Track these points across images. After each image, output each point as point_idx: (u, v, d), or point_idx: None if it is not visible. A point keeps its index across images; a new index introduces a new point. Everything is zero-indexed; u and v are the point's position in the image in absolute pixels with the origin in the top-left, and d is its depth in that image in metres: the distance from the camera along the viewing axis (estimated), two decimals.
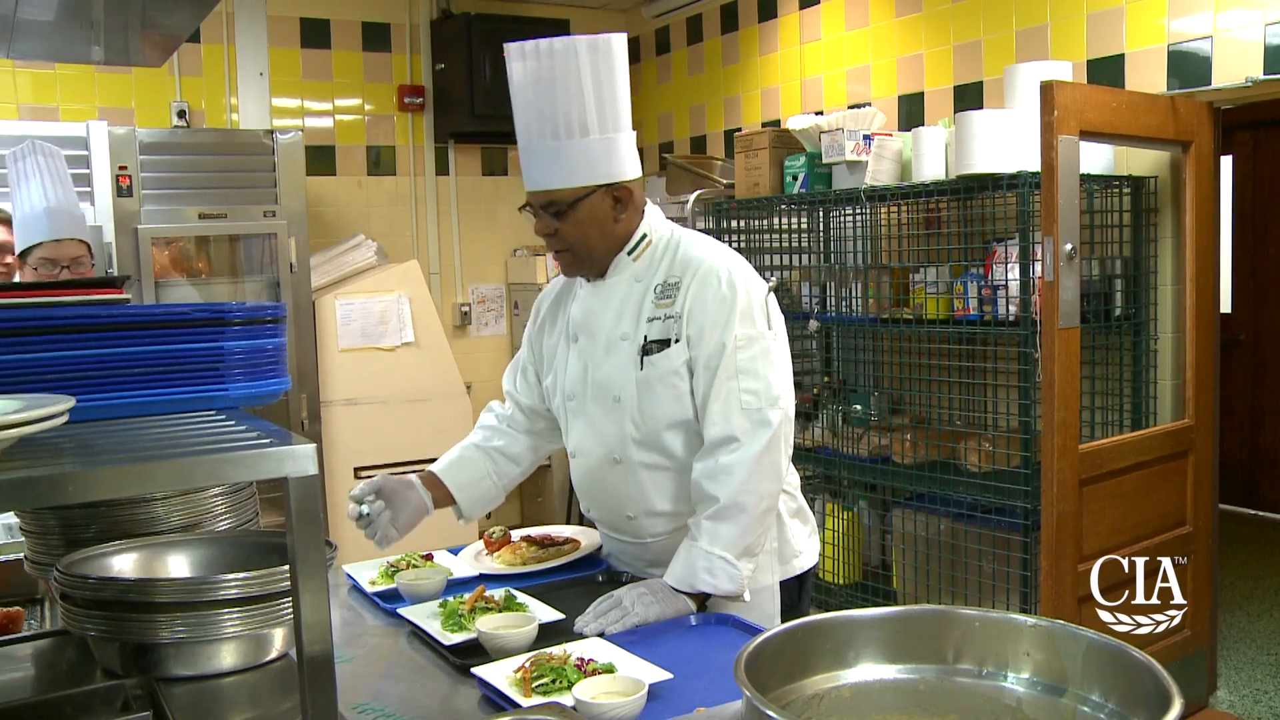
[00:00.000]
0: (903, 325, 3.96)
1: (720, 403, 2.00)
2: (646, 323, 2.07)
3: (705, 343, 2.01)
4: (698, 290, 2.03)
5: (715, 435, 2.01)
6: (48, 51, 3.02)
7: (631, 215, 2.09)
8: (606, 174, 2.02)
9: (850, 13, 4.86)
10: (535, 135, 2.03)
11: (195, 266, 4.78)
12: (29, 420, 1.03)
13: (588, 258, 2.10)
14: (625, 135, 2.03)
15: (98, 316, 1.30)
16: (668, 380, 2.04)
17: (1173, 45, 3.60)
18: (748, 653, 1.09)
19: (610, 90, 1.99)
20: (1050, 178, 3.11)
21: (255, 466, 1.03)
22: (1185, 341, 3.64)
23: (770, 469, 2.01)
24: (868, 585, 4.21)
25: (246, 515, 1.89)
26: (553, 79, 1.97)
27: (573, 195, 2.02)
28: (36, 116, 4.78)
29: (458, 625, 1.89)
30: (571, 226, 2.05)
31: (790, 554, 2.20)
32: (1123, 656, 1.09)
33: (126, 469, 1.03)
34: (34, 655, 1.74)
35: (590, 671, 1.62)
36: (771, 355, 2.03)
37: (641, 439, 2.10)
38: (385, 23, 5.71)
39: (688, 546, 2.01)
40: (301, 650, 1.04)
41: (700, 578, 1.98)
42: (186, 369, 1.31)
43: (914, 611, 1.25)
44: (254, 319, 1.36)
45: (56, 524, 1.79)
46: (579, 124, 1.98)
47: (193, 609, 1.47)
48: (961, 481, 3.72)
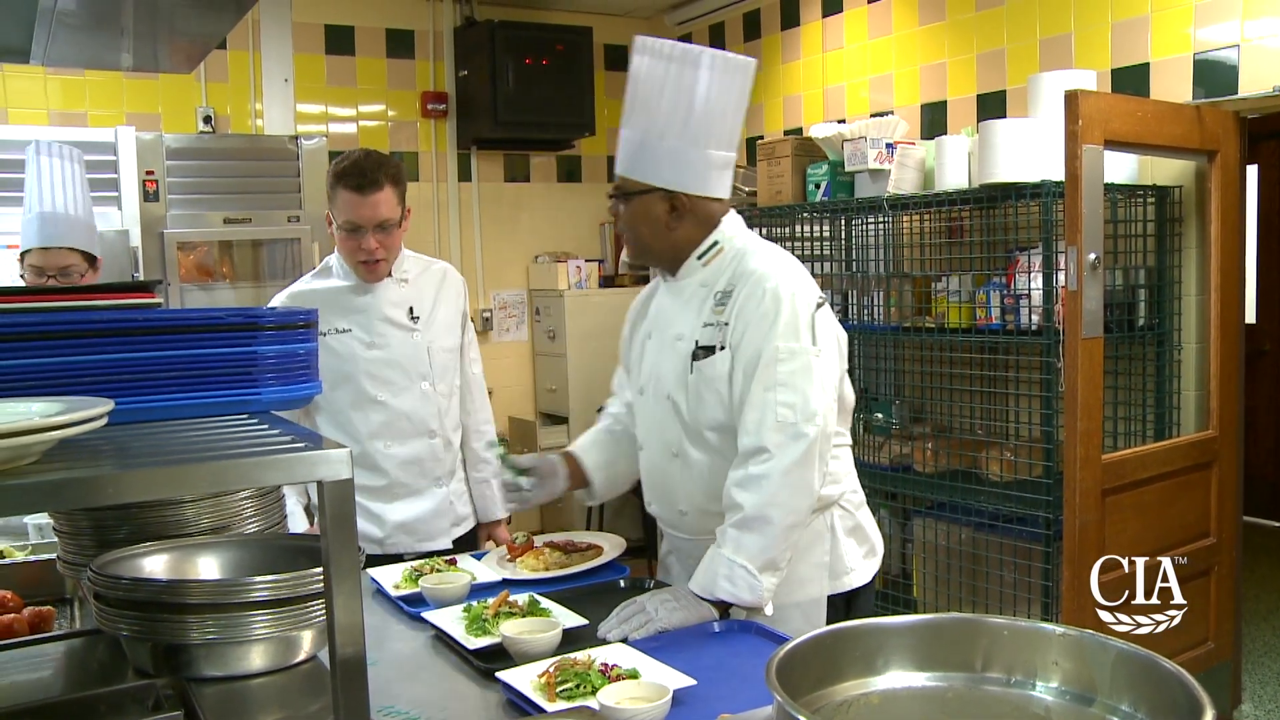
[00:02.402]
0: (924, 334, 3.96)
1: (755, 412, 2.02)
2: (701, 328, 2.12)
3: (746, 351, 2.05)
4: (744, 300, 2.07)
5: (748, 445, 2.02)
6: (78, 58, 3.05)
7: (691, 227, 2.14)
8: (669, 180, 2.09)
9: (873, 21, 4.86)
10: (631, 123, 2.11)
11: (220, 271, 4.82)
12: (72, 422, 1.04)
13: (641, 250, 2.19)
14: (711, 153, 2.08)
15: (134, 321, 1.32)
16: (713, 386, 2.09)
17: (1199, 54, 3.59)
18: (779, 658, 1.10)
19: (709, 107, 2.05)
20: (1074, 187, 3.11)
21: (290, 470, 1.04)
22: (1209, 352, 3.62)
23: (801, 484, 2.00)
24: (888, 594, 4.20)
25: (274, 518, 1.91)
26: (664, 79, 2.04)
27: (634, 187, 2.12)
28: (66, 122, 4.84)
29: (482, 630, 1.90)
30: (627, 215, 2.15)
31: (841, 570, 2.18)
32: (1153, 667, 1.09)
33: (164, 471, 1.05)
34: (66, 654, 1.76)
35: (614, 677, 1.63)
36: (813, 371, 2.03)
37: (693, 437, 2.15)
38: (409, 30, 5.74)
39: (712, 553, 2.02)
40: (335, 652, 1.05)
41: (720, 585, 1.98)
42: (220, 373, 1.32)
43: (943, 619, 1.25)
44: (287, 324, 1.38)
45: (89, 525, 1.81)
46: (664, 127, 2.05)
47: (224, 610, 1.49)
48: (983, 491, 3.71)
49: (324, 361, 2.64)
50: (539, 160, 6.14)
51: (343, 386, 2.68)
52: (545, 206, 6.17)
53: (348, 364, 2.68)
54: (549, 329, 5.89)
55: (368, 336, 2.70)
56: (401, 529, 2.76)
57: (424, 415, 2.75)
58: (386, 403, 2.70)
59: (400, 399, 2.72)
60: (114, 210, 4.36)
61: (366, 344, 2.70)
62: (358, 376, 2.68)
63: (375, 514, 2.74)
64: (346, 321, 2.70)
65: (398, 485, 2.74)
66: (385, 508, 2.74)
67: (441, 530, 2.82)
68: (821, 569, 2.15)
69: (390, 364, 2.71)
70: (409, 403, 2.73)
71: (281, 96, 5.39)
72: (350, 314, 2.71)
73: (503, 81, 5.42)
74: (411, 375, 2.74)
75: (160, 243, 4.44)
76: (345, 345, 2.68)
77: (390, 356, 2.71)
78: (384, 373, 2.70)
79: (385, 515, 2.74)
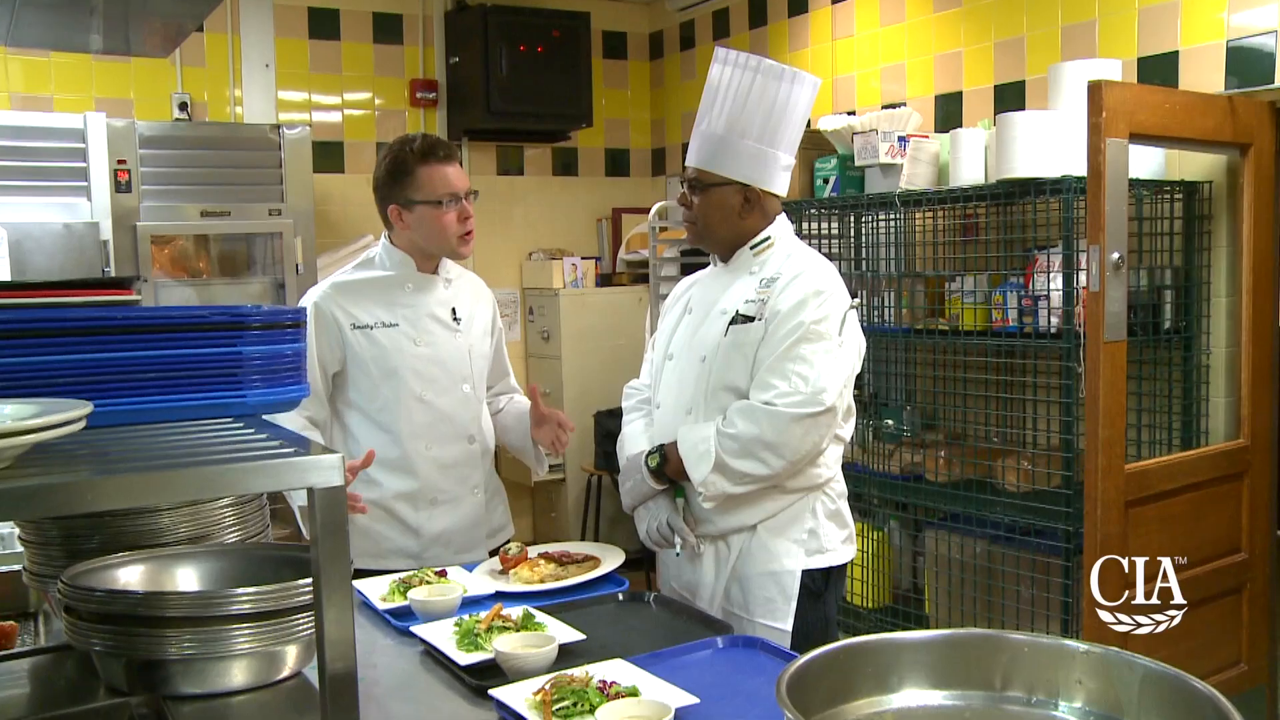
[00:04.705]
0: (937, 336, 3.97)
1: (771, 376, 2.34)
2: (744, 303, 2.45)
3: (776, 325, 2.37)
4: (786, 285, 2.41)
5: (754, 395, 2.36)
6: (44, 39, 3.04)
7: (758, 218, 2.52)
8: (746, 175, 2.46)
9: (885, 8, 4.87)
10: (710, 122, 2.48)
11: (196, 266, 4.82)
12: (47, 425, 1.05)
13: (708, 236, 2.55)
14: (779, 154, 2.48)
15: (113, 319, 1.32)
16: (743, 350, 2.41)
17: (1232, 41, 3.59)
18: (790, 674, 1.10)
19: (784, 115, 2.45)
20: (1097, 183, 3.11)
21: (280, 477, 1.05)
22: (1241, 356, 3.63)
23: (809, 431, 2.31)
24: (898, 610, 4.21)
25: (255, 527, 1.91)
26: (749, 87, 2.43)
27: (712, 179, 2.48)
28: (29, 106, 4.80)
29: (474, 645, 1.90)
30: (702, 204, 2.51)
31: (816, 548, 2.46)
32: (1183, 687, 1.09)
33: (146, 477, 1.05)
34: (31, 672, 1.76)
35: (613, 694, 1.64)
36: (834, 358, 2.35)
37: (709, 396, 2.44)
38: (397, 13, 5.74)
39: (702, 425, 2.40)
40: (324, 668, 1.06)
41: (688, 440, 2.38)
42: (204, 374, 1.33)
43: (960, 635, 1.25)
44: (273, 323, 1.38)
45: (59, 534, 1.81)
46: (746, 127, 2.43)
47: (204, 624, 1.49)
48: (999, 501, 3.71)
49: (370, 356, 2.72)
50: (533, 152, 6.15)
51: (387, 383, 2.75)
52: (540, 201, 6.18)
53: (394, 359, 2.74)
54: (543, 329, 5.90)
55: (414, 333, 2.78)
56: (438, 541, 2.79)
57: (465, 419, 2.83)
58: (431, 402, 2.77)
59: (443, 399, 2.79)
60: (83, 201, 4.35)
61: (414, 340, 2.77)
62: (404, 373, 2.74)
63: (412, 527, 2.77)
64: (393, 316, 2.78)
65: (433, 490, 2.78)
66: (421, 518, 2.77)
67: (478, 541, 2.85)
68: (799, 545, 2.44)
69: (436, 362, 2.79)
70: (451, 404, 2.80)
71: (262, 83, 5.39)
72: (397, 309, 2.79)
73: (496, 69, 5.42)
74: (455, 376, 2.82)
75: (133, 236, 4.43)
76: (393, 340, 2.76)
77: (436, 355, 2.79)
78: (430, 370, 2.78)
79: (423, 527, 2.77)
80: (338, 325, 2.73)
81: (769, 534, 2.43)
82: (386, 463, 2.73)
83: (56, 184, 4.33)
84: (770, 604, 2.41)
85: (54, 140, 4.34)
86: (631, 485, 2.49)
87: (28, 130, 4.32)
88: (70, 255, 4.24)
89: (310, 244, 4.76)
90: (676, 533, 2.42)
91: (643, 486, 2.46)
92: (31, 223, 4.17)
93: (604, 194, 6.36)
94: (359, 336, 2.74)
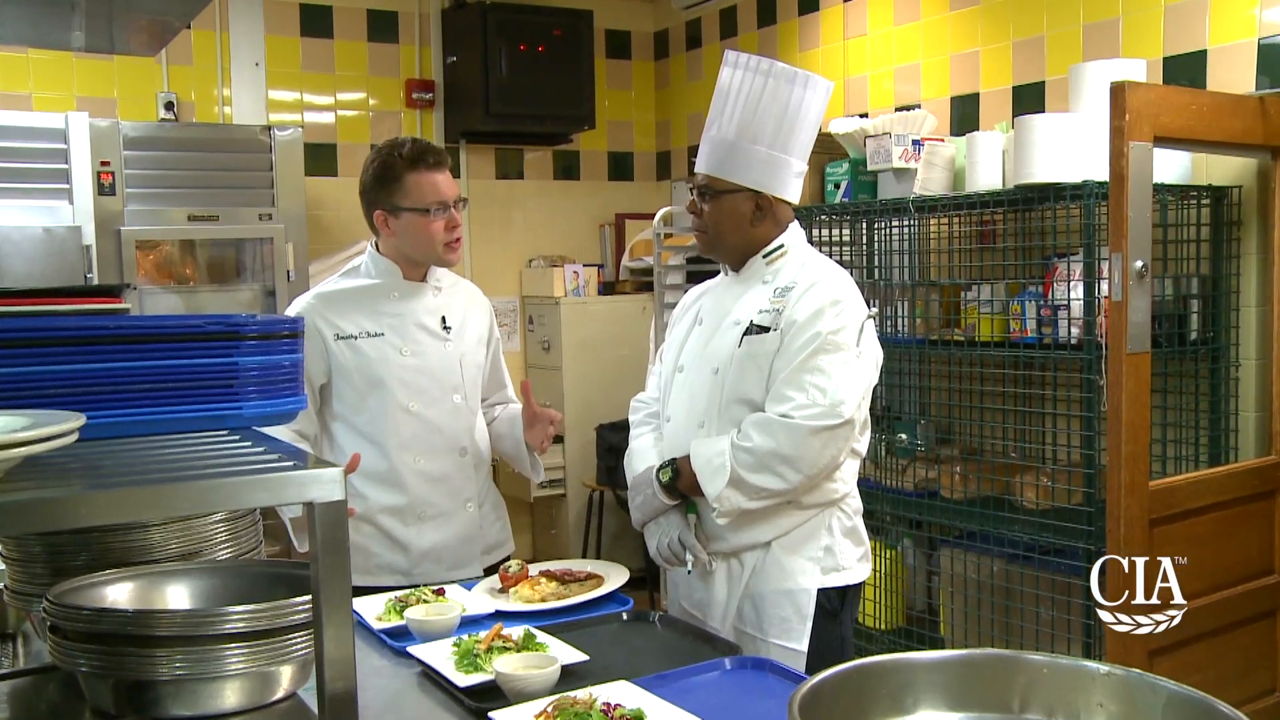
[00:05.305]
0: (953, 348, 3.98)
1: (787, 388, 2.35)
2: (758, 313, 2.47)
3: (793, 336, 2.38)
4: (802, 294, 2.43)
5: (771, 407, 2.36)
6: (23, 35, 3.03)
7: (769, 226, 2.54)
8: (758, 182, 2.48)
9: (899, 6, 4.90)
10: (720, 128, 2.50)
11: (182, 273, 4.84)
12: (39, 438, 1.06)
13: (719, 244, 2.56)
14: (792, 160, 2.51)
15: (105, 328, 1.34)
16: (757, 362, 2.42)
17: (1264, 39, 3.60)
18: (801, 695, 1.12)
19: (796, 120, 2.48)
20: (1120, 188, 3.13)
21: (279, 491, 1.06)
22: (1272, 369, 3.63)
23: (827, 444, 2.32)
24: (912, 631, 4.21)
25: (249, 543, 1.93)
26: (760, 91, 2.45)
27: (723, 186, 2.50)
28: (6, 105, 4.77)
29: (473, 665, 1.92)
30: (713, 211, 2.52)
31: (832, 565, 2.47)
32: (1209, 712, 1.10)
33: (141, 491, 1.07)
34: (10, 695, 1.76)
35: (618, 717, 1.65)
36: (852, 369, 2.37)
37: (723, 409, 2.45)
38: (393, 11, 5.76)
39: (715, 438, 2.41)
40: (324, 688, 1.07)
41: (701, 453, 2.39)
42: (199, 385, 1.34)
43: (977, 655, 1.27)
44: (270, 333, 1.40)
45: (43, 550, 1.81)
46: (758, 132, 2.46)
47: (196, 643, 1.50)
48: (1017, 519, 3.72)
49: (354, 366, 2.74)
50: (534, 155, 6.17)
51: (373, 394, 2.77)
52: (540, 206, 6.20)
53: (379, 369, 2.76)
54: (543, 339, 5.91)
55: (401, 342, 2.79)
56: (429, 557, 2.80)
57: (456, 431, 2.84)
58: (419, 413, 2.78)
59: (432, 410, 2.80)
60: (64, 205, 4.35)
61: (400, 350, 2.79)
62: (390, 383, 2.76)
63: (401, 542, 2.79)
64: (378, 325, 2.79)
65: (423, 504, 2.79)
66: (411, 533, 2.79)
67: (472, 557, 2.87)
68: (814, 563, 2.45)
69: (424, 372, 2.80)
70: (441, 415, 2.82)
71: (252, 82, 5.41)
72: (382, 318, 2.80)
73: (495, 69, 5.45)
74: (444, 386, 2.83)
75: (117, 241, 4.45)
76: (378, 350, 2.77)
77: (424, 364, 2.81)
78: (418, 380, 2.79)
79: (411, 543, 2.79)
80: (321, 336, 2.75)
81: (783, 551, 2.44)
82: (373, 475, 2.74)
83: (36, 186, 4.32)
84: (785, 624, 2.42)
85: (33, 140, 4.34)
86: (642, 500, 2.51)
87: (5, 130, 4.32)
88: (51, 260, 4.24)
89: (302, 250, 4.78)
90: (688, 550, 2.43)
91: (654, 502, 2.47)
92: (10, 226, 4.18)
93: (607, 199, 6.38)
94: (343, 347, 2.76)
